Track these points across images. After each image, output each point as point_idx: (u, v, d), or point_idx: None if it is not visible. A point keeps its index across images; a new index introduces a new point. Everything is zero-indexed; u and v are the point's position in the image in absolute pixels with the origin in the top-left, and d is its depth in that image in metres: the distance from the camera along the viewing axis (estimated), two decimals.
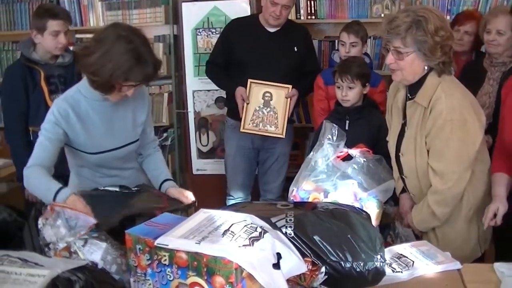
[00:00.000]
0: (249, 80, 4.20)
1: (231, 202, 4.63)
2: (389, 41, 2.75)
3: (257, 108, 4.25)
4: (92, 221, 2.14)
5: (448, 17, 4.75)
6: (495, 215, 2.73)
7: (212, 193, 4.90)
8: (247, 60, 4.26)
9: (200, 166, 5.43)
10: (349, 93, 3.59)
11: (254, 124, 4.26)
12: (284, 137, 4.25)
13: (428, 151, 2.80)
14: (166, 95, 5.56)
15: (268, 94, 4.23)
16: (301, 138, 5.32)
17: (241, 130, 4.30)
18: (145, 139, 3.10)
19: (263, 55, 4.25)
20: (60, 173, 3.54)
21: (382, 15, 5.05)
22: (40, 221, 2.10)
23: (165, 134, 5.65)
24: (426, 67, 2.74)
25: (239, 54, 4.33)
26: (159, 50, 5.41)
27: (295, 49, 4.32)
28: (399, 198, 3.15)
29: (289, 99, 4.21)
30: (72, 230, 2.10)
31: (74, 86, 2.92)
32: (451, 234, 2.90)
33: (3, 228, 2.46)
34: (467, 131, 2.71)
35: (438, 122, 2.70)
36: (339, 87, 3.64)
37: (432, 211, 2.83)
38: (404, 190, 3.08)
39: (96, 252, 2.07)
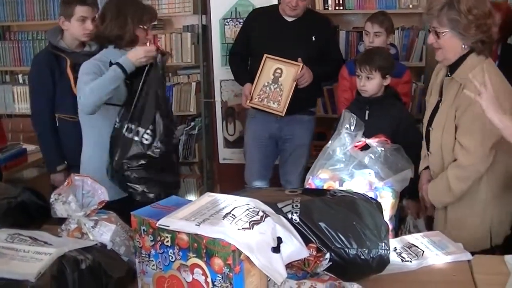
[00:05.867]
0: (265, 55, 4.22)
1: None
2: (428, 22, 2.89)
3: (266, 84, 4.24)
4: (106, 197, 2.19)
5: None
6: None
7: (238, 182, 4.92)
8: (265, 49, 4.26)
9: (227, 155, 5.46)
10: (367, 83, 3.58)
11: (260, 99, 4.27)
12: (283, 115, 4.23)
13: (456, 127, 2.85)
14: (194, 84, 5.64)
15: (278, 71, 4.22)
16: (327, 128, 5.31)
17: (248, 103, 4.32)
18: None
19: (280, 44, 4.26)
20: (75, 163, 3.66)
21: (411, 6, 5.05)
22: (53, 196, 2.15)
23: (192, 123, 5.72)
24: (464, 46, 2.80)
25: (257, 43, 4.37)
26: (187, 40, 5.49)
27: (313, 39, 4.31)
28: (420, 175, 3.18)
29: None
30: (83, 207, 2.15)
31: (97, 55, 3.37)
32: (462, 216, 2.92)
33: (24, 209, 2.53)
34: None
35: (470, 97, 2.73)
36: (358, 76, 3.64)
37: (449, 185, 2.86)
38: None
39: (105, 234, 2.12)
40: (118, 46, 3.30)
